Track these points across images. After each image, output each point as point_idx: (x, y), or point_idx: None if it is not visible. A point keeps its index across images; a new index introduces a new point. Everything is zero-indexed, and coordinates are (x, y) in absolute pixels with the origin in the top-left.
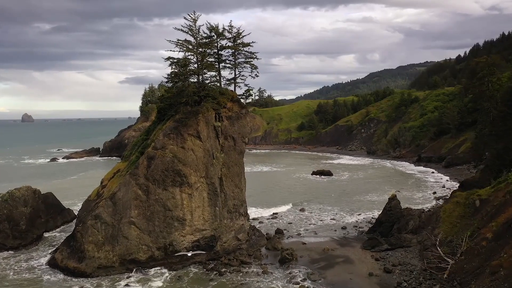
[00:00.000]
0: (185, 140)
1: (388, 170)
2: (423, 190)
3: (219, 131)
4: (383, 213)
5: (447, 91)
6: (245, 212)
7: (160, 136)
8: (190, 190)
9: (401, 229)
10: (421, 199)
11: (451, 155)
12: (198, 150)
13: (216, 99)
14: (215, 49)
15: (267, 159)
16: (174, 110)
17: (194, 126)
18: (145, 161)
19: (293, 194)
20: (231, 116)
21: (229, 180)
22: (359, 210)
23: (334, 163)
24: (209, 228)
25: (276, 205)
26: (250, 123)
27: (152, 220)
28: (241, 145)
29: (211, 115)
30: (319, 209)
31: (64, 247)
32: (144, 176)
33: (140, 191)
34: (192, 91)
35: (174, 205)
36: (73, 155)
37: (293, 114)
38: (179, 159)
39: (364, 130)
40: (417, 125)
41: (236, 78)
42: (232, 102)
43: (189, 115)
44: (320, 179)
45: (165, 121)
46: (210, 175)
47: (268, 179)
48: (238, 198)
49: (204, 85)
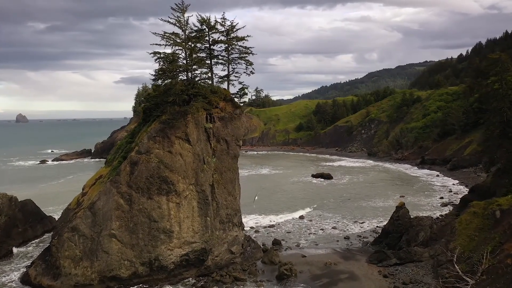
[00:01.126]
0: (172, 143)
1: (391, 173)
2: (429, 195)
3: (210, 134)
4: (390, 223)
5: (451, 91)
6: (239, 222)
7: (144, 139)
8: (178, 199)
9: (411, 240)
10: (428, 205)
11: (457, 157)
12: (187, 155)
13: (207, 98)
14: (207, 44)
15: (264, 161)
16: (160, 110)
17: (183, 128)
18: (127, 167)
19: (292, 199)
20: (223, 117)
21: (222, 187)
22: (363, 217)
23: (334, 165)
24: (199, 241)
25: (273, 211)
26: (247, 123)
27: (136, 233)
28: (235, 149)
29: (201, 116)
30: (319, 216)
31: (40, 262)
32: (127, 184)
33: (122, 200)
34: (180, 89)
35: (160, 215)
36: (63, 157)
37: (291, 115)
38: (165, 164)
39: (365, 131)
40: (420, 126)
41: (229, 75)
42: (225, 102)
43: (177, 116)
44: (320, 182)
45: (150, 123)
46: (200, 182)
47: (265, 183)
48: (232, 206)
49: (193, 83)
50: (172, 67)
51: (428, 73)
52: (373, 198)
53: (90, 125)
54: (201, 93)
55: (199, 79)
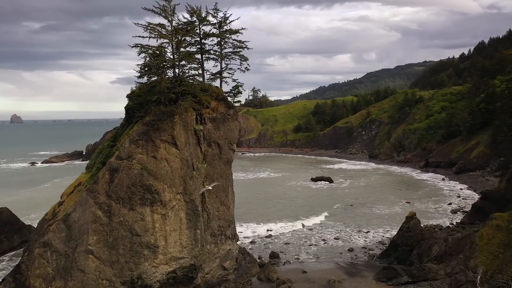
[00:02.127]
0: (157, 147)
1: (394, 177)
2: (437, 200)
3: (200, 136)
4: (400, 235)
5: (454, 91)
6: (233, 234)
7: (125, 143)
8: (163, 210)
9: (423, 255)
10: (437, 212)
11: (463, 160)
12: (173, 160)
13: (197, 97)
14: (197, 37)
15: (262, 164)
16: (143, 110)
17: (169, 130)
18: (106, 175)
19: (290, 205)
20: (215, 118)
21: (213, 196)
22: (367, 226)
23: (334, 168)
24: (188, 256)
25: (271, 219)
26: (244, 124)
27: (116, 248)
28: (228, 153)
29: (190, 117)
30: (320, 225)
31: (10, 279)
32: (106, 193)
33: (100, 212)
34: (166, 87)
35: (144, 228)
36: (53, 159)
37: (289, 115)
38: (149, 171)
39: (365, 132)
40: (423, 127)
41: (222, 72)
42: (217, 101)
43: (162, 117)
44: (320, 187)
45: (132, 124)
46: (189, 190)
47: (262, 187)
48: (225, 217)
49: (181, 80)
50: (157, 62)
51: (429, 72)
52: (377, 204)
53: (85, 125)
54: (190, 91)
55: (188, 76)
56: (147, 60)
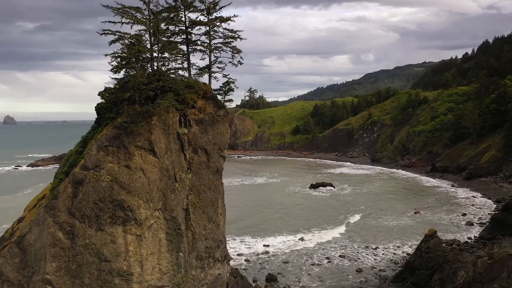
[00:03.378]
0: (130, 155)
1: (399, 182)
2: (449, 210)
3: (185, 141)
4: (417, 255)
5: (461, 91)
6: (224, 255)
7: (92, 150)
8: (139, 230)
9: (446, 281)
10: (451, 225)
11: (473, 165)
12: (151, 170)
13: (181, 94)
14: (182, 25)
15: (258, 168)
16: (115, 111)
17: (145, 134)
18: (69, 188)
19: (289, 216)
20: (202, 120)
21: (200, 212)
22: (375, 241)
23: (334, 172)
24: (168, 284)
25: (268, 232)
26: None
27: (80, 277)
28: (218, 161)
29: (172, 118)
30: (322, 239)
31: None
32: (68, 211)
33: (60, 233)
34: (141, 82)
35: (114, 252)
36: (39, 162)
37: (287, 117)
38: (121, 184)
39: (367, 134)
40: (429, 129)
41: (211, 65)
42: (205, 100)
43: (137, 118)
44: (320, 194)
45: (102, 127)
46: (170, 206)
47: (258, 194)
48: (213, 237)
49: (160, 73)
50: (130, 52)
51: (431, 73)
52: (383, 214)
53: (80, 127)
54: (171, 87)
55: (169, 70)
56: (121, 50)
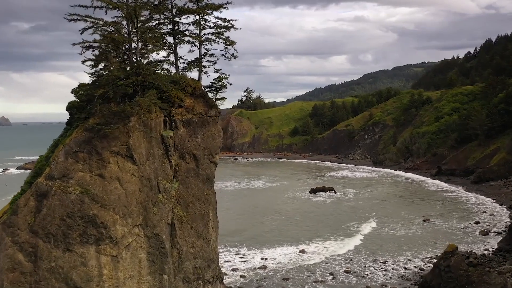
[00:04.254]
0: (105, 162)
1: (404, 186)
2: (460, 217)
3: (170, 146)
4: (435, 274)
5: (466, 90)
6: (216, 275)
7: (60, 156)
8: (114, 250)
9: None
10: (464, 234)
11: (482, 168)
12: (129, 180)
13: (166, 92)
14: (168, 13)
15: (256, 171)
16: (86, 110)
17: (122, 138)
18: (31, 201)
19: (289, 224)
20: (191, 121)
21: (187, 227)
22: (382, 252)
23: (335, 176)
24: None
25: (265, 243)
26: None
27: None
28: (208, 168)
29: (155, 119)
30: (325, 251)
31: None
32: (29, 229)
33: (21, 255)
34: (117, 76)
35: (86, 277)
36: (28, 165)
37: (285, 117)
38: (93, 196)
39: (368, 135)
40: (433, 131)
41: (201, 59)
42: (194, 98)
43: (112, 119)
44: (321, 199)
45: (72, 130)
46: (152, 221)
47: (255, 199)
48: (203, 255)
49: (140, 67)
50: (103, 41)
51: (432, 72)
52: (389, 222)
53: None
54: (153, 83)
55: (150, 63)
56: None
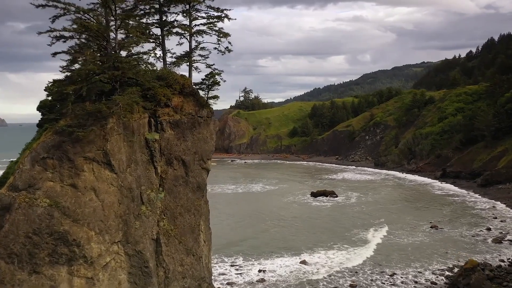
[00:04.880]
0: (78, 170)
1: (408, 190)
2: (470, 223)
3: (155, 150)
4: None
5: (470, 90)
6: None
7: (25, 163)
8: (90, 271)
9: None
10: (476, 242)
11: (489, 170)
12: (106, 190)
13: (151, 89)
14: (156, 2)
15: (253, 173)
16: (56, 111)
17: (99, 142)
18: None
19: (288, 231)
20: (179, 122)
21: (175, 242)
22: (389, 263)
23: (336, 178)
24: None
25: (263, 253)
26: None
27: None
28: (199, 175)
29: (138, 121)
30: (328, 262)
31: None
32: None
33: None
34: (90, 70)
35: None
36: None
37: (284, 118)
38: (64, 210)
39: (369, 136)
40: (436, 131)
41: (191, 53)
42: (183, 96)
43: (86, 121)
44: (322, 204)
45: (40, 132)
46: (133, 237)
47: (253, 204)
48: (193, 273)
49: (117, 59)
50: (76, 30)
51: (433, 72)
52: (394, 229)
53: None
54: (135, 79)
55: (131, 55)
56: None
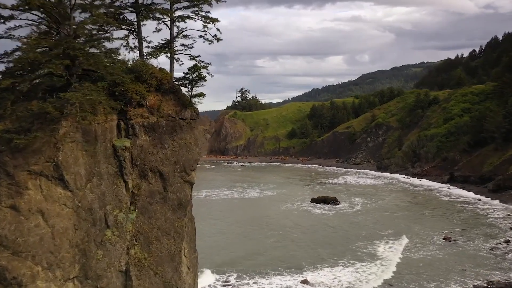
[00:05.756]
0: (20, 188)
1: (415, 195)
2: (486, 235)
3: (126, 161)
4: None
5: (476, 90)
6: None
7: None
8: None
9: None
10: (495, 257)
11: (501, 175)
12: (58, 213)
13: (119, 85)
14: None
15: (250, 177)
16: None
17: (48, 152)
18: None
19: (288, 243)
20: (156, 126)
21: (149, 274)
22: (401, 284)
23: (337, 182)
24: None
25: (260, 270)
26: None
27: None
28: (181, 190)
29: (103, 124)
30: (332, 282)
31: None
32: None
33: None
34: (33, 59)
35: None
36: None
37: (282, 119)
38: (1, 239)
39: (371, 138)
40: (442, 133)
41: (172, 41)
42: (161, 94)
43: (30, 125)
44: (323, 212)
45: None
46: (94, 271)
47: (250, 211)
48: None
49: (70, 47)
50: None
51: (435, 72)
52: (403, 240)
53: None
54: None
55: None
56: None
